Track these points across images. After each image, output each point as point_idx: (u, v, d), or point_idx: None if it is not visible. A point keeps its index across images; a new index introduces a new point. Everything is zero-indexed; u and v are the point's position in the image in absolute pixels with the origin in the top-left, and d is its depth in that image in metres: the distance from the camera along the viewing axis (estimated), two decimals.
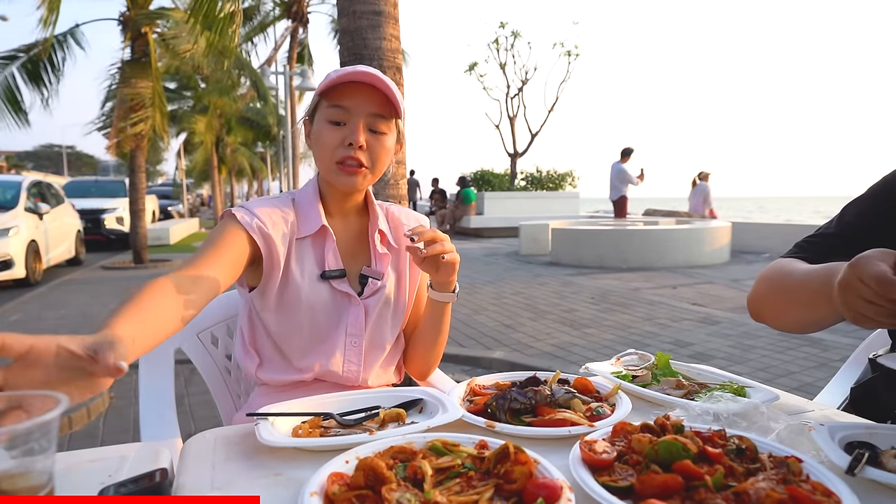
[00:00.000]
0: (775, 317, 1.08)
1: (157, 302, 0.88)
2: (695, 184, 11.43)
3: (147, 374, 1.30)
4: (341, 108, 1.12)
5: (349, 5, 2.70)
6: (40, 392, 0.62)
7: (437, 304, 1.23)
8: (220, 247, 1.06)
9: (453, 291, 1.21)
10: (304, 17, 15.40)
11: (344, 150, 1.12)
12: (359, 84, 1.12)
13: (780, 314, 1.06)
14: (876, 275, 0.74)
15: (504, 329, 4.95)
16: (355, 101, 1.12)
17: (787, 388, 3.04)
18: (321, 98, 1.16)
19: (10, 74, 8.55)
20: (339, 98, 1.12)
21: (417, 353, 1.32)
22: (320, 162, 1.17)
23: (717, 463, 0.67)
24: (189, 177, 30.21)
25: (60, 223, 9.67)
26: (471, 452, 0.73)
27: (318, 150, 1.16)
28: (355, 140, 1.11)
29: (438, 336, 1.28)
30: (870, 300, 0.76)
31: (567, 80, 19.48)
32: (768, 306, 1.08)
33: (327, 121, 1.14)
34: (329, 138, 1.13)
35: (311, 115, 1.20)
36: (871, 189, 1.07)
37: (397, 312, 1.26)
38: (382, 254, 1.24)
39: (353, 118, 1.13)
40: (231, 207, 1.15)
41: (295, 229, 1.17)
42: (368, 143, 1.13)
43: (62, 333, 0.70)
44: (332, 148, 1.13)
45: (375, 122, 1.14)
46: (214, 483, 0.73)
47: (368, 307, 1.21)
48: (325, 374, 1.18)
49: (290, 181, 13.66)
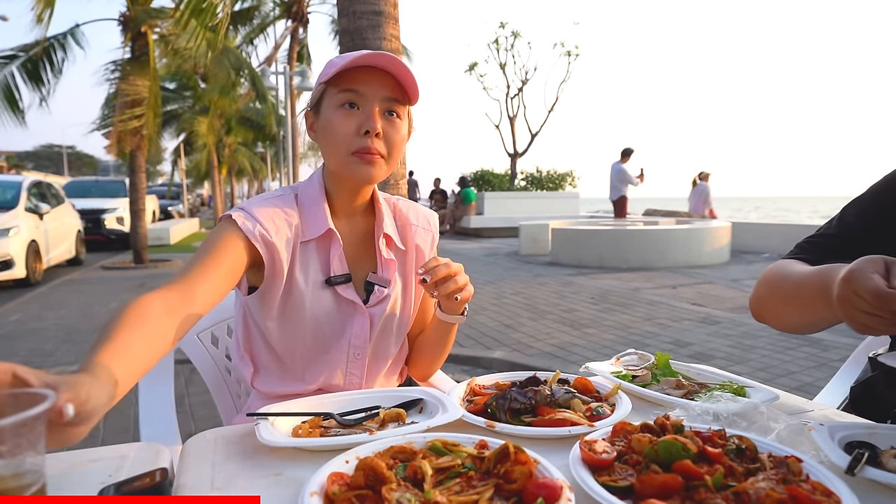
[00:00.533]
0: (776, 318, 1.08)
1: (144, 331, 0.82)
2: (695, 184, 11.43)
3: (147, 373, 1.30)
4: (354, 93, 1.04)
5: (349, 5, 2.71)
6: (26, 390, 0.59)
7: (444, 322, 1.19)
8: (217, 255, 0.99)
9: (462, 313, 1.16)
10: (304, 17, 15.42)
11: (360, 140, 1.04)
12: (371, 68, 1.04)
13: (781, 316, 1.06)
14: (872, 290, 0.75)
15: (504, 329, 4.95)
16: (369, 86, 1.04)
17: (787, 388, 3.04)
18: (327, 86, 1.07)
19: (10, 73, 8.54)
20: (351, 83, 1.04)
21: (421, 358, 1.30)
22: (331, 153, 1.08)
23: (717, 463, 0.68)
24: (189, 177, 30.21)
25: (61, 223, 9.67)
26: (471, 452, 0.73)
27: (329, 141, 1.07)
28: (372, 127, 1.03)
29: (443, 350, 1.26)
30: (871, 313, 0.76)
31: (567, 80, 19.51)
32: (769, 308, 1.09)
33: (338, 107, 1.05)
34: (342, 126, 1.04)
35: (315, 105, 1.11)
36: (871, 189, 1.07)
37: (402, 324, 1.22)
38: (388, 259, 1.18)
39: (368, 103, 1.04)
40: (231, 210, 1.08)
41: (299, 232, 1.10)
42: (384, 129, 1.05)
43: (62, 333, 0.69)
44: (347, 137, 1.04)
45: (391, 105, 1.06)
46: (214, 483, 0.73)
47: (374, 317, 1.16)
48: (326, 387, 1.15)
49: (290, 181, 13.67)
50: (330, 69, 1.05)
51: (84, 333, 5.07)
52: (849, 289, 0.78)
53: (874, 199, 1.06)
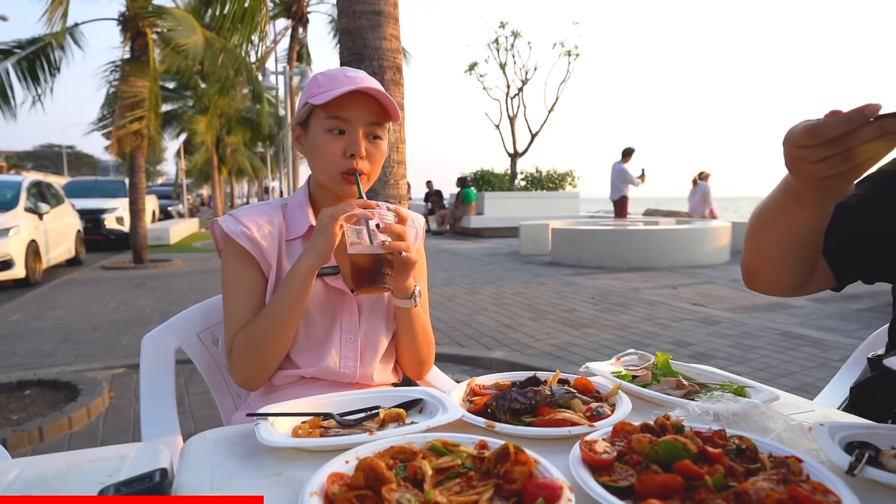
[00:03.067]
0: (761, 262, 1.04)
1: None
2: (695, 184, 11.44)
3: (147, 373, 1.30)
4: (341, 119, 1.14)
5: (349, 5, 2.70)
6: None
7: (401, 309, 1.22)
8: (239, 283, 1.17)
9: (411, 297, 1.19)
10: (304, 16, 15.40)
11: (346, 162, 1.15)
12: (355, 93, 1.13)
13: (765, 255, 1.02)
14: (803, 130, 0.74)
15: (504, 329, 4.95)
16: (354, 112, 1.14)
17: (787, 388, 3.04)
18: (314, 108, 1.16)
19: (4, 69, 8.48)
20: (338, 110, 1.14)
21: (401, 355, 1.32)
22: (321, 172, 1.19)
23: (717, 463, 0.67)
24: (189, 177, 30.21)
25: (60, 223, 9.67)
26: (471, 452, 0.73)
27: (318, 161, 1.17)
28: (357, 151, 1.14)
29: (414, 340, 1.26)
30: (816, 159, 0.75)
31: (567, 80, 19.47)
32: (754, 252, 1.05)
33: (326, 130, 1.15)
34: (330, 150, 1.15)
35: (302, 122, 1.20)
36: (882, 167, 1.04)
37: (390, 310, 1.27)
38: None
39: (353, 127, 1.15)
40: (219, 217, 1.21)
41: (283, 231, 1.21)
42: (368, 150, 1.16)
43: (62, 333, 0.70)
44: (335, 159, 1.15)
45: (373, 129, 1.18)
46: (214, 483, 0.73)
47: (361, 304, 1.23)
48: (321, 371, 1.19)
49: (290, 181, 13.67)
50: (315, 89, 1.15)
51: (84, 333, 5.07)
52: (788, 147, 0.77)
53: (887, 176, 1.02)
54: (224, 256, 1.20)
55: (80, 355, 4.42)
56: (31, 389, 3.63)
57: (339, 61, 2.82)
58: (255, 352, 1.13)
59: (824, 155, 0.74)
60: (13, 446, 2.82)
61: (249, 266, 1.18)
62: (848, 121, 0.69)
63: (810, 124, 0.73)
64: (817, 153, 0.74)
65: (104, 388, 3.57)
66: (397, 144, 2.73)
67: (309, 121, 1.19)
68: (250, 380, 1.16)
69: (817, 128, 0.72)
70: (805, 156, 0.76)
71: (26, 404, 3.40)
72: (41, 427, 2.98)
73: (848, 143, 0.71)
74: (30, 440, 2.92)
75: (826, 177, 0.76)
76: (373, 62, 2.67)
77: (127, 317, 5.80)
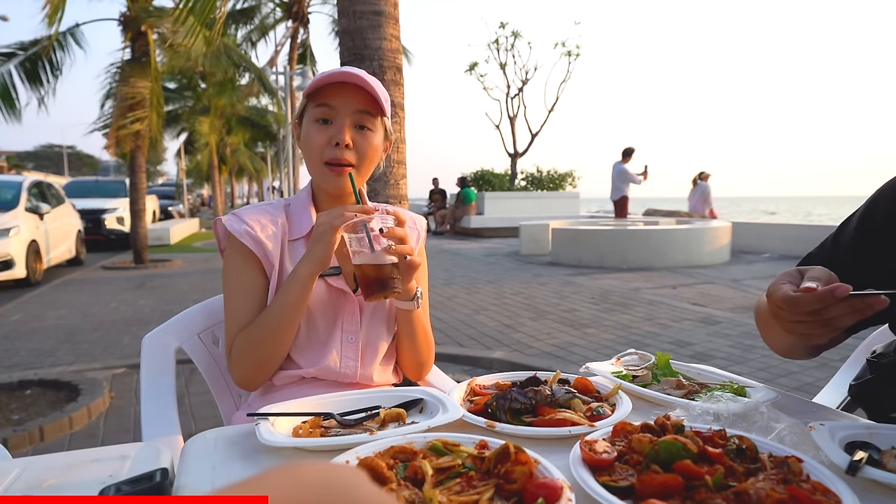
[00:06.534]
0: (774, 346, 1.12)
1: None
2: (695, 183, 11.44)
3: (148, 373, 1.30)
4: (327, 107, 1.15)
5: (349, 5, 2.70)
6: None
7: (403, 311, 1.22)
8: (241, 283, 1.17)
9: (413, 299, 1.19)
10: (305, 17, 15.41)
11: (331, 151, 1.15)
12: (344, 84, 1.14)
13: (774, 345, 1.11)
14: (781, 298, 0.81)
15: (504, 329, 4.95)
16: (341, 100, 1.15)
17: (787, 388, 3.04)
18: (308, 100, 1.18)
19: (7, 72, 8.49)
20: (325, 98, 1.15)
21: (402, 355, 1.32)
22: (309, 163, 1.20)
23: (718, 463, 0.67)
24: (189, 177, 30.20)
25: (61, 223, 9.67)
26: (471, 452, 0.73)
27: (307, 152, 1.19)
28: (341, 139, 1.14)
29: (414, 342, 1.26)
30: (795, 321, 0.82)
31: (568, 79, 19.47)
32: (764, 337, 1.13)
33: (314, 120, 1.16)
34: (316, 138, 1.16)
35: (299, 117, 1.22)
36: (864, 204, 1.05)
37: (392, 311, 1.27)
38: None
39: (340, 116, 1.15)
40: (223, 216, 1.21)
41: (286, 231, 1.21)
42: (355, 140, 1.16)
43: (62, 333, 0.70)
44: (319, 147, 1.16)
45: (362, 118, 1.17)
46: (214, 483, 0.73)
47: (363, 304, 1.23)
48: (322, 371, 1.19)
49: (290, 181, 13.66)
50: (310, 84, 1.17)
51: (84, 333, 5.07)
52: (772, 305, 0.84)
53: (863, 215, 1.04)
54: (227, 255, 1.20)
55: (80, 355, 4.42)
56: (32, 389, 3.63)
57: (340, 61, 2.82)
58: (254, 354, 1.13)
59: (801, 320, 0.82)
60: (14, 446, 2.82)
61: (252, 265, 1.18)
62: (819, 300, 0.77)
63: (788, 296, 0.80)
64: (794, 317, 0.82)
65: (105, 388, 3.57)
66: (397, 144, 2.73)
67: (303, 116, 1.21)
68: (249, 381, 1.16)
69: (793, 301, 0.80)
70: (784, 316, 0.83)
71: (27, 404, 3.41)
72: (42, 427, 2.98)
73: (821, 315, 0.79)
74: (30, 440, 2.92)
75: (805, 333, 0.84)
76: (373, 62, 2.67)
77: (127, 317, 5.80)
